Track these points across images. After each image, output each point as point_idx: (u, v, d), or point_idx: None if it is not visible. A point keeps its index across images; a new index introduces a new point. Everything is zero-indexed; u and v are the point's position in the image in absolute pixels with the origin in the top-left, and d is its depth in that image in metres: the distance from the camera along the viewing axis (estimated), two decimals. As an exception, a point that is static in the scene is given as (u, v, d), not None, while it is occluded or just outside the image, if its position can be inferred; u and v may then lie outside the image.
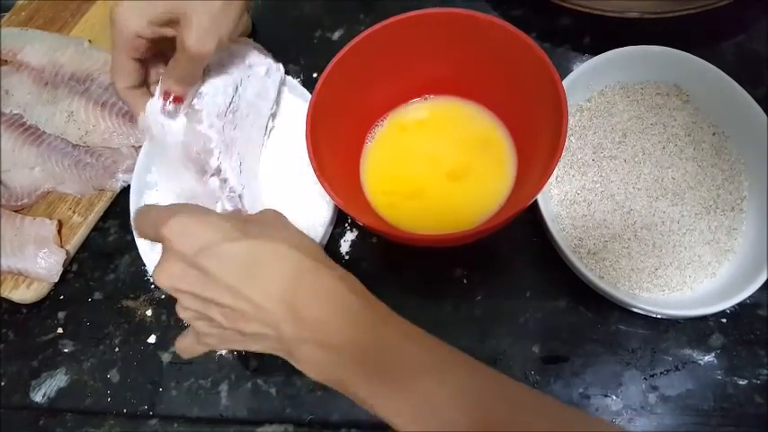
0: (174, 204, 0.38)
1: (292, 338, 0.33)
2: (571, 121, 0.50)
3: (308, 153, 0.41)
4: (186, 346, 0.38)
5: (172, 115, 0.46)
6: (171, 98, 0.45)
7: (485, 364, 0.33)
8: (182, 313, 0.36)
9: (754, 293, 0.41)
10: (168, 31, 0.43)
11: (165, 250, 0.35)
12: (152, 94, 0.46)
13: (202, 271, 0.33)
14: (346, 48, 0.44)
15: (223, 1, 0.42)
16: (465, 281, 0.49)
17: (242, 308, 0.33)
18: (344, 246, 0.51)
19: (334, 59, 0.44)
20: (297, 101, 0.52)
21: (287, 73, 0.52)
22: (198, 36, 0.41)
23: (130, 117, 0.55)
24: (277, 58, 0.54)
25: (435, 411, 0.31)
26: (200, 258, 0.33)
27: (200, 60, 0.43)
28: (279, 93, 0.52)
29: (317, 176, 0.41)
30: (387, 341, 0.33)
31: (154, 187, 0.51)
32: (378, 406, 0.32)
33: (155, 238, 0.35)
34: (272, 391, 0.47)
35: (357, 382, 0.32)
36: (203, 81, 0.46)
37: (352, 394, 0.33)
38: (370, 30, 0.44)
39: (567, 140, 0.39)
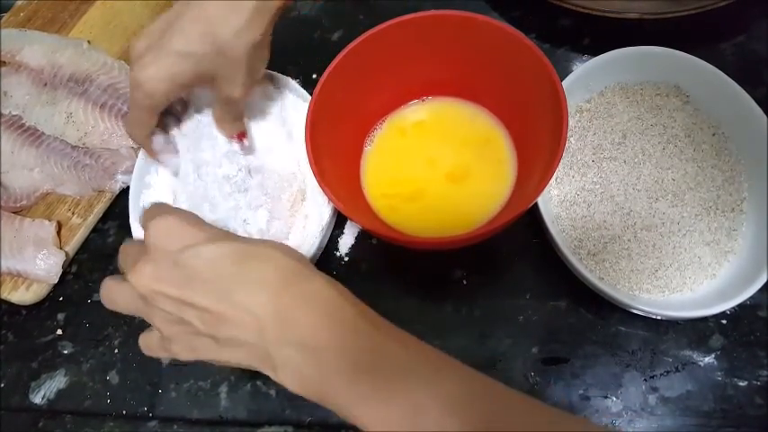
0: (162, 204, 0.38)
1: (274, 342, 0.31)
2: (571, 122, 0.50)
3: (308, 157, 0.41)
4: (150, 345, 0.37)
5: (249, 151, 0.49)
6: (237, 137, 0.48)
7: (475, 370, 0.32)
8: (154, 317, 0.34)
9: (754, 295, 0.41)
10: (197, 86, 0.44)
11: (146, 250, 0.34)
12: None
13: (185, 270, 0.32)
14: (345, 50, 0.44)
15: (248, 53, 0.41)
16: (465, 282, 0.49)
17: (223, 311, 0.31)
18: (344, 247, 0.51)
19: (333, 63, 0.43)
20: (296, 101, 0.52)
21: (286, 74, 0.52)
22: (239, 86, 0.43)
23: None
24: (276, 58, 0.54)
25: (422, 417, 0.30)
26: (184, 257, 0.32)
27: (245, 100, 0.45)
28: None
29: (317, 181, 0.41)
30: (375, 345, 0.32)
31: (152, 188, 0.51)
32: (360, 413, 0.30)
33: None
34: (272, 392, 0.47)
35: (339, 389, 0.31)
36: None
37: (332, 403, 0.31)
38: (368, 32, 0.44)
39: (566, 141, 0.39)
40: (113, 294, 0.36)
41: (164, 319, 0.34)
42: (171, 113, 0.50)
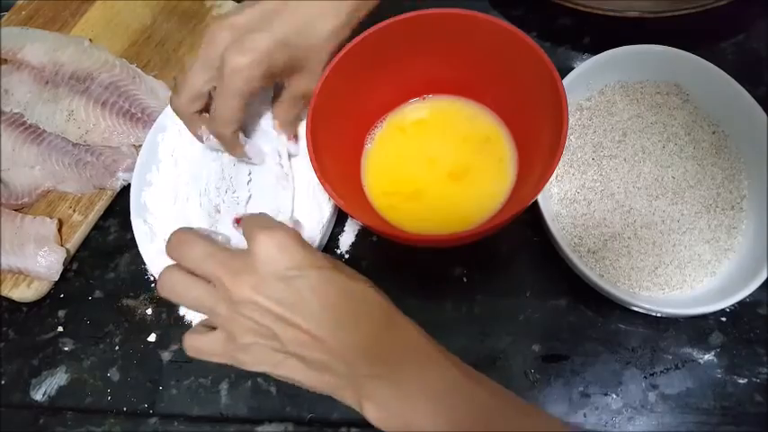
0: (266, 216, 0.38)
1: (365, 376, 0.33)
2: (571, 120, 0.50)
3: (309, 155, 0.41)
4: (205, 348, 0.37)
5: (297, 151, 0.49)
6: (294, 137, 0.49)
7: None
8: (235, 323, 0.35)
9: (753, 292, 0.41)
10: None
11: (251, 259, 0.34)
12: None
13: (292, 290, 0.33)
14: (345, 49, 0.44)
15: (332, 52, 0.43)
16: (465, 280, 0.49)
17: (323, 337, 0.33)
18: (344, 245, 0.51)
19: (334, 61, 0.44)
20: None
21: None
22: (315, 82, 0.43)
23: (131, 116, 0.56)
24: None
25: None
26: (292, 276, 0.34)
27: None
28: None
29: (318, 178, 0.41)
30: (456, 385, 0.34)
31: (153, 185, 0.51)
32: None
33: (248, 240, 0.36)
34: (273, 389, 0.47)
35: (424, 425, 0.33)
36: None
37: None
38: (369, 31, 0.44)
39: (566, 139, 0.39)
40: (180, 286, 0.36)
41: (248, 329, 0.34)
42: None
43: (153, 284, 0.52)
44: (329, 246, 0.51)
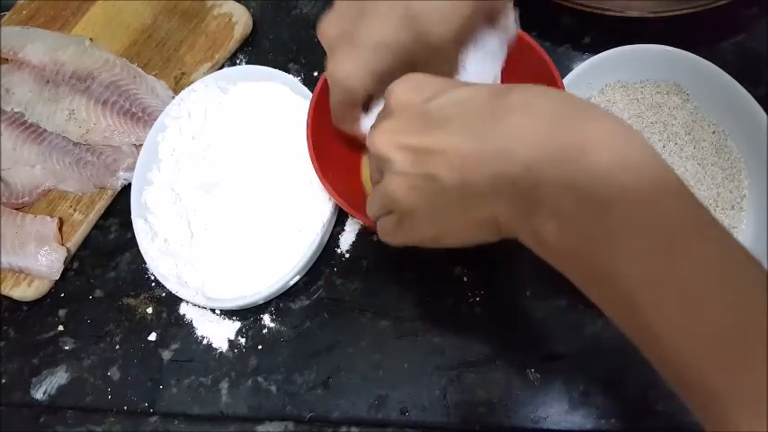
0: None
1: (549, 183, 0.26)
2: (571, 120, 0.50)
3: (310, 154, 0.41)
4: (386, 228, 0.34)
5: None
6: None
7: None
8: (390, 185, 0.30)
9: (753, 292, 0.41)
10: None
11: (386, 110, 0.31)
12: None
13: (432, 116, 0.28)
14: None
15: (454, 39, 0.35)
16: (465, 279, 0.49)
17: (478, 146, 0.27)
18: (345, 244, 0.51)
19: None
20: (297, 99, 0.52)
21: (287, 71, 0.53)
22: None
23: (131, 115, 0.56)
24: (277, 56, 0.54)
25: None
26: (432, 103, 0.29)
27: None
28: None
29: (318, 176, 0.41)
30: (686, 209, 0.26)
31: (154, 184, 0.51)
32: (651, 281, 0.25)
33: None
34: (273, 388, 0.47)
35: (629, 245, 0.25)
36: None
37: (608, 273, 0.26)
38: (370, 28, 0.44)
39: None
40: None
41: (403, 185, 0.29)
42: None
43: (153, 284, 0.52)
44: (329, 245, 0.51)
